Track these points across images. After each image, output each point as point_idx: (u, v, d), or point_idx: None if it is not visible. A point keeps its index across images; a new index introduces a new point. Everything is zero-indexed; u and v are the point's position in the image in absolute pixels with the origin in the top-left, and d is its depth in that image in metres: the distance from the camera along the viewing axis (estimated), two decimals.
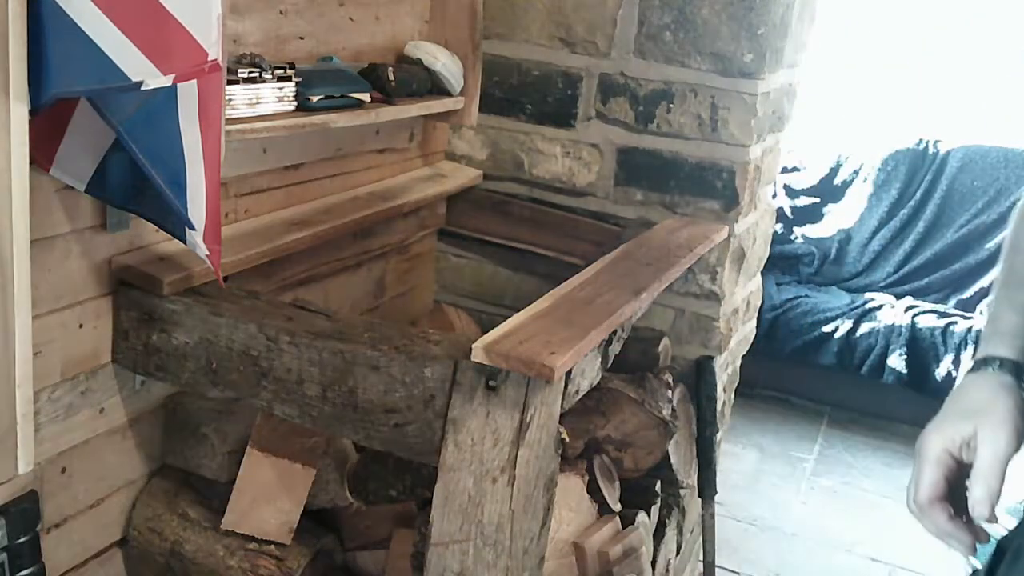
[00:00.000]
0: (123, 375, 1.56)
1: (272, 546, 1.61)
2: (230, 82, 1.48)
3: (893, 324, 3.61)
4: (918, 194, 3.98)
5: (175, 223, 1.34)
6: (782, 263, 3.99)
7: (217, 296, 1.52)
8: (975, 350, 1.09)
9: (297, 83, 1.64)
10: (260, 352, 1.44)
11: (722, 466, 2.44)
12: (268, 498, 1.60)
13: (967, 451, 0.94)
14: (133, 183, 1.33)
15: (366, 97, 1.80)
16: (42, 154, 1.26)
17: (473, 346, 1.29)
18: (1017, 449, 0.93)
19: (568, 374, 1.35)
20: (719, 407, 2.27)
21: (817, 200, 4.11)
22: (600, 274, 1.68)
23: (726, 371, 2.41)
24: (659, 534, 2.05)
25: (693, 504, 2.31)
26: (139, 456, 1.65)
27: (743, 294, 2.39)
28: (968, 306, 3.78)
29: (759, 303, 2.61)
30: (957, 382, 1.02)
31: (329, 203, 1.94)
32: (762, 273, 2.56)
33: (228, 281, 1.57)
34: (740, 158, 2.10)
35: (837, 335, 3.63)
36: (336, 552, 1.73)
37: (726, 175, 2.11)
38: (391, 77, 1.89)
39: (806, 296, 3.79)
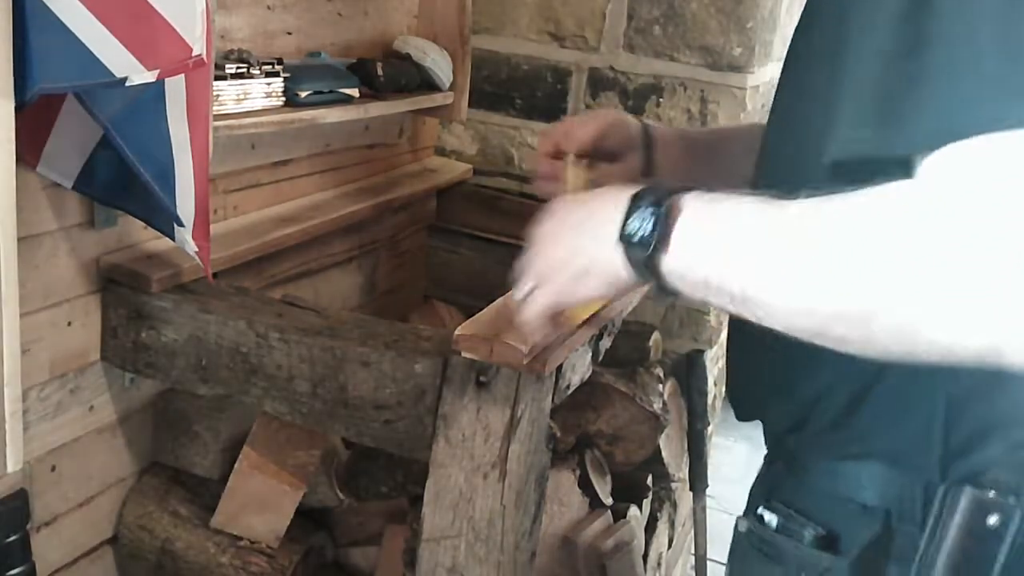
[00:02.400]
0: (112, 373, 1.56)
1: (263, 543, 1.61)
2: (218, 78, 1.48)
3: None
4: None
5: (163, 220, 1.33)
6: None
7: (206, 293, 1.51)
8: None
9: (285, 79, 1.64)
10: (250, 349, 1.44)
11: (713, 459, 2.44)
12: (256, 509, 1.60)
13: None
14: (121, 180, 1.32)
15: (355, 92, 1.80)
16: (29, 151, 1.25)
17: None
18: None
19: (559, 369, 1.34)
20: (710, 400, 2.28)
21: None
22: None
23: (717, 364, 2.42)
24: (651, 528, 2.05)
25: (684, 497, 2.31)
26: (129, 454, 1.65)
27: None
28: None
29: None
30: None
31: (318, 199, 1.93)
32: None
33: (217, 278, 1.57)
34: None
35: None
36: (328, 548, 1.73)
37: None
38: (380, 72, 1.88)
39: None
